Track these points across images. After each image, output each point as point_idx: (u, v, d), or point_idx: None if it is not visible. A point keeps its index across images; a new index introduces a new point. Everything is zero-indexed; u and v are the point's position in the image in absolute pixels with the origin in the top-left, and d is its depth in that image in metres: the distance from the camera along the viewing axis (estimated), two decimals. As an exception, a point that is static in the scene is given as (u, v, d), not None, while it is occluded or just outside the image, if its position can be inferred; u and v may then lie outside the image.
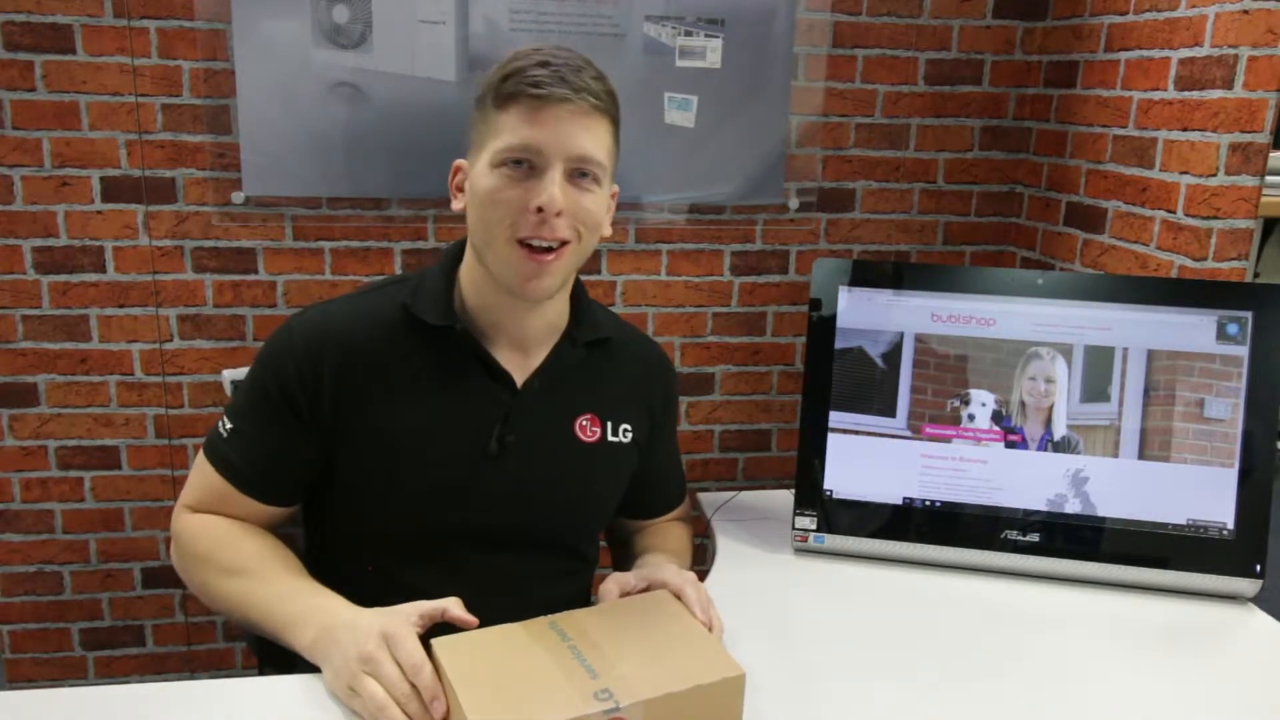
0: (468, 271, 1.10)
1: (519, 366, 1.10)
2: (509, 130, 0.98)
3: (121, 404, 1.91)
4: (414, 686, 0.85)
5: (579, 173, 1.00)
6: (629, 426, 1.17)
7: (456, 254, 1.12)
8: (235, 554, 1.05)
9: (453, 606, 0.92)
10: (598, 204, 1.03)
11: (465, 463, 1.07)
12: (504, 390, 1.09)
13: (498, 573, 1.09)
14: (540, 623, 0.93)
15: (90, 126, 1.78)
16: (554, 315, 1.12)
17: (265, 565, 1.04)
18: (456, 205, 1.07)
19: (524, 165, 0.99)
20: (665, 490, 1.30)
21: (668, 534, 1.28)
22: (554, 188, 0.97)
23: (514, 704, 0.82)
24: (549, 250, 1.00)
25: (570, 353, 1.13)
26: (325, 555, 1.12)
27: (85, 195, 1.81)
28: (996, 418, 1.28)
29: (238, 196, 1.84)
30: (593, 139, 1.00)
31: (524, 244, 0.99)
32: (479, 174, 1.02)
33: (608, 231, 1.10)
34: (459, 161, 1.08)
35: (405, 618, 0.90)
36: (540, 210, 0.97)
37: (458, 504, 1.07)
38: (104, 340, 1.88)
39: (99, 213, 1.82)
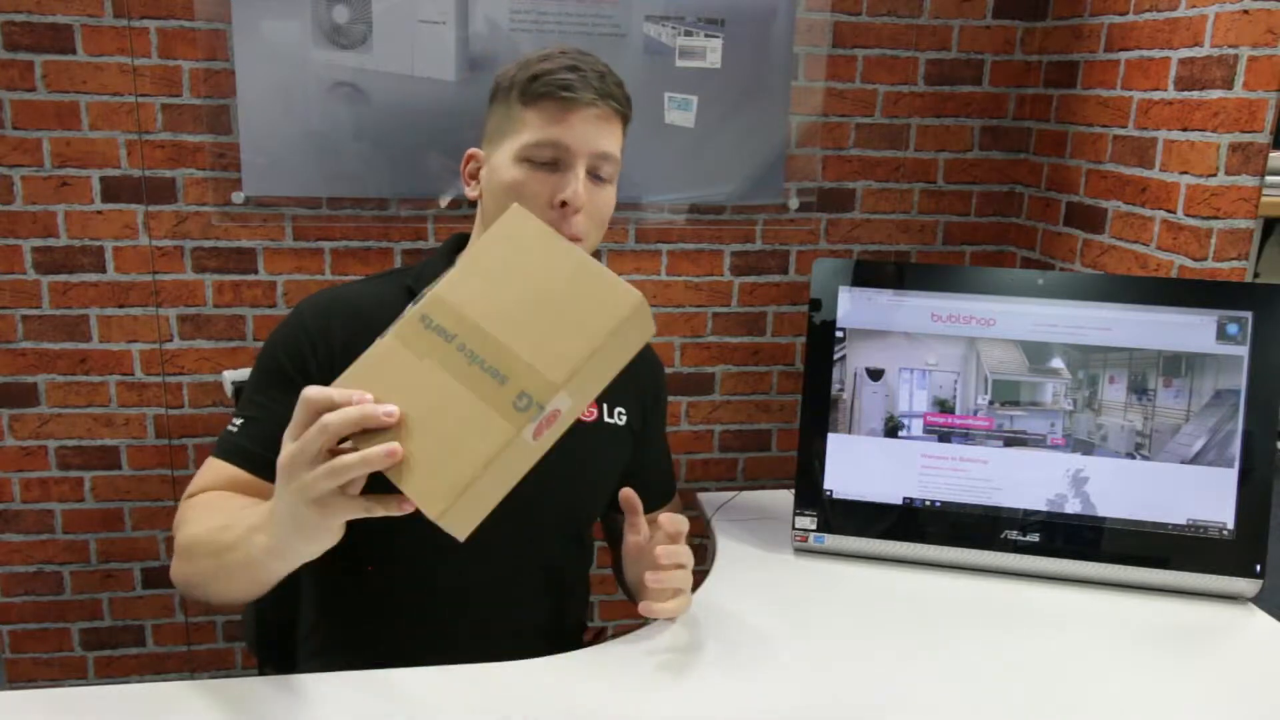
0: None
1: None
2: (536, 127, 1.03)
3: (121, 404, 1.91)
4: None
5: (596, 173, 1.06)
6: (623, 410, 1.20)
7: (457, 243, 1.17)
8: (221, 505, 1.00)
9: (313, 393, 0.78)
10: (609, 202, 1.09)
11: None
12: None
13: (496, 553, 1.09)
14: (413, 324, 0.81)
15: (90, 126, 1.78)
16: None
17: (242, 506, 0.98)
18: (470, 193, 1.12)
19: (548, 163, 1.04)
20: (656, 483, 1.31)
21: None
22: (578, 184, 1.03)
23: (447, 461, 0.75)
24: None
25: None
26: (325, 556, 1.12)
27: (85, 195, 1.81)
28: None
29: (238, 196, 1.83)
30: (612, 140, 1.06)
31: None
32: (501, 165, 1.06)
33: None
34: (472, 150, 1.13)
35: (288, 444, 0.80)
36: (564, 205, 1.02)
37: None
38: (104, 340, 1.88)
39: (99, 213, 1.82)
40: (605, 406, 1.17)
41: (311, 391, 0.78)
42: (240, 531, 0.89)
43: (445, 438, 0.76)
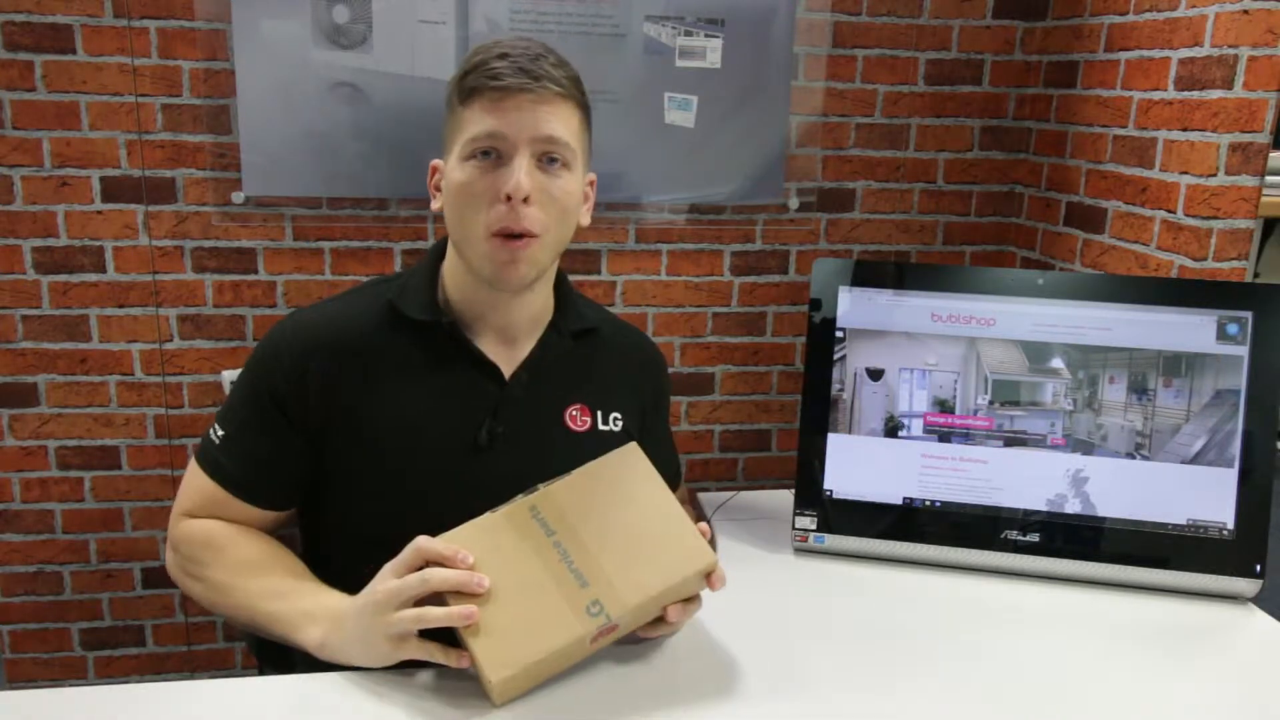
0: (450, 266, 1.11)
1: (506, 359, 1.11)
2: (473, 123, 1.00)
3: (121, 404, 1.91)
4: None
5: (548, 158, 1.02)
6: (619, 415, 1.17)
7: (439, 251, 1.14)
8: (240, 551, 1.06)
9: (426, 544, 0.92)
10: (568, 189, 1.04)
11: (456, 455, 1.08)
12: (492, 383, 1.10)
13: None
14: (522, 511, 0.96)
15: (90, 126, 1.78)
16: (538, 307, 1.13)
17: (270, 563, 1.06)
18: (435, 205, 1.09)
19: (492, 155, 1.01)
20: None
21: None
22: (520, 174, 0.99)
23: (519, 637, 0.88)
24: (522, 236, 1.01)
25: (557, 343, 1.14)
26: (321, 558, 1.13)
27: (85, 195, 1.81)
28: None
29: (238, 196, 1.83)
30: (558, 123, 1.01)
31: (499, 235, 1.01)
32: (451, 169, 1.04)
33: (586, 221, 1.11)
34: (435, 162, 1.10)
35: (389, 579, 0.92)
36: (509, 198, 0.99)
37: (449, 497, 1.07)
38: (104, 340, 1.88)
39: (99, 213, 1.82)
40: (600, 414, 1.16)
41: (424, 543, 0.91)
42: (292, 611, 0.99)
43: (522, 616, 0.89)
